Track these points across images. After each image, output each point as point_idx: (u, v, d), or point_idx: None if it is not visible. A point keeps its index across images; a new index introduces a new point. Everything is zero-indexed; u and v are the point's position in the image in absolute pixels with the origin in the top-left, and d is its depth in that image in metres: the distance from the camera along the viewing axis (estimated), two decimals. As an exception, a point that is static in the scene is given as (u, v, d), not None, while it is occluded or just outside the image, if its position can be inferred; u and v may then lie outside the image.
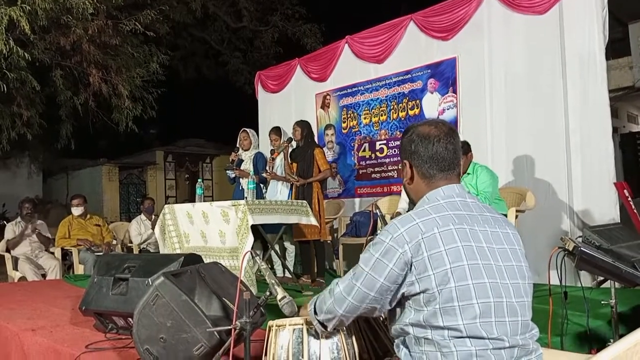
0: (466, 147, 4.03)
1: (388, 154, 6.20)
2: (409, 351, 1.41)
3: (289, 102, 7.32)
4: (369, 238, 2.56)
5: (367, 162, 6.43)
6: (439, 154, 1.49)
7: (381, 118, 6.29)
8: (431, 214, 1.40)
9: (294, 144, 5.45)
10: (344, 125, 6.72)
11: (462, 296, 1.31)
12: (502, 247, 1.42)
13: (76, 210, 6.22)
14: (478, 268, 1.34)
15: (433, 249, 1.34)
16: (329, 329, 1.60)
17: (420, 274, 1.34)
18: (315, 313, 1.60)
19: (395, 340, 1.47)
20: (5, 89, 7.69)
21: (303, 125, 5.39)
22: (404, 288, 1.38)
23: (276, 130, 5.64)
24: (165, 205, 5.13)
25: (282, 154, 5.48)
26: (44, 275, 5.74)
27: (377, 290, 1.39)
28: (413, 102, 5.93)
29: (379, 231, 2.31)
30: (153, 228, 6.00)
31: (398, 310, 1.43)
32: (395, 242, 1.36)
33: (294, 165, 5.39)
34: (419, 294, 1.35)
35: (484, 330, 1.31)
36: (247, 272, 4.04)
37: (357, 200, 6.50)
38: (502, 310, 1.34)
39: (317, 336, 1.69)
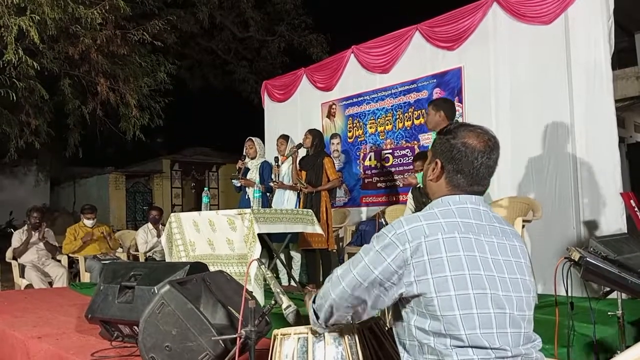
0: None
1: (394, 163, 6.20)
2: (412, 358, 1.40)
3: (295, 111, 7.36)
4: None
5: (373, 171, 6.44)
6: (477, 170, 1.45)
7: (387, 127, 6.31)
8: (439, 218, 1.39)
9: (303, 150, 5.46)
10: (349, 134, 6.74)
11: (463, 305, 1.30)
12: (508, 259, 1.41)
13: (89, 222, 6.42)
14: (480, 278, 1.33)
15: (434, 253, 1.33)
16: (320, 320, 1.57)
17: (420, 276, 1.33)
18: (314, 302, 1.59)
19: (399, 348, 1.47)
20: (14, 98, 7.78)
21: (315, 133, 5.41)
22: (403, 288, 1.36)
23: (284, 136, 5.67)
24: (172, 214, 5.15)
25: (289, 160, 5.48)
26: (50, 283, 5.76)
27: (370, 281, 1.38)
28: (419, 111, 5.94)
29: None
30: (159, 237, 6.04)
31: (402, 311, 1.42)
32: (397, 239, 1.36)
33: (303, 173, 5.39)
34: (417, 296, 1.34)
35: (486, 341, 1.30)
36: (258, 278, 4.03)
37: (363, 209, 6.50)
38: (504, 322, 1.33)
39: (322, 345, 1.68)
